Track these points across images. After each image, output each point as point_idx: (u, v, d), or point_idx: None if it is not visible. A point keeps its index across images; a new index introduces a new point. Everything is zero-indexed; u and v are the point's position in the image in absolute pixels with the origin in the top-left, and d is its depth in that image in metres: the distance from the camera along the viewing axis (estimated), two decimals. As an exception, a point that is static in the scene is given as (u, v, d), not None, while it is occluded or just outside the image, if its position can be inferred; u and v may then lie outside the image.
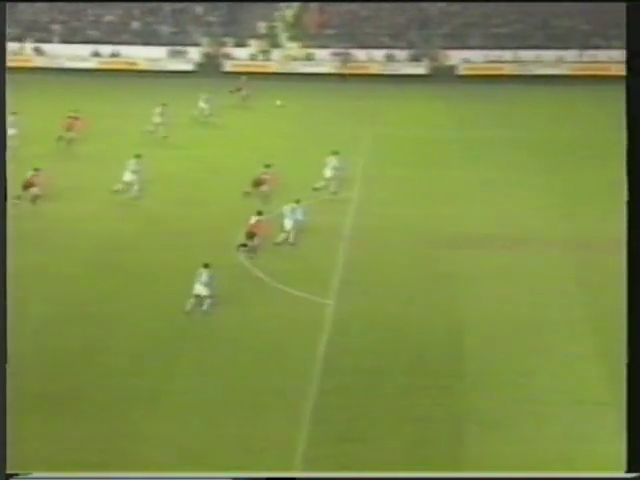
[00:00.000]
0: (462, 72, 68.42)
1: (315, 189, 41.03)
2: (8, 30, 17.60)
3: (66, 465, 21.67)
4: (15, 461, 18.58)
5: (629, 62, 16.94)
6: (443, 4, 72.57)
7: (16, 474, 17.81)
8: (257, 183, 39.77)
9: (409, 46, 70.71)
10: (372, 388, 26.22)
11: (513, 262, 35.00)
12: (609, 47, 68.21)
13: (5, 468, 17.21)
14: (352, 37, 71.53)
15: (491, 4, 70.64)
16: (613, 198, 41.90)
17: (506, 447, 23.49)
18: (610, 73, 66.35)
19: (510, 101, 60.51)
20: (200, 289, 30.08)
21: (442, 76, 67.20)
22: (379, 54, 69.96)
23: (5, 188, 18.41)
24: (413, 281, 33.45)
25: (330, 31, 72.63)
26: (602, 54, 68.05)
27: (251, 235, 34.27)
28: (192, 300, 30.05)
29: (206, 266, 30.24)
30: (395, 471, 21.71)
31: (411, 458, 22.90)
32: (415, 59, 70.09)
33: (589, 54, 68.22)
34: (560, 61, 68.03)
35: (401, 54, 70.23)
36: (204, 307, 30.14)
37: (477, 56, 69.29)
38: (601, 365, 27.41)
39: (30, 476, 18.33)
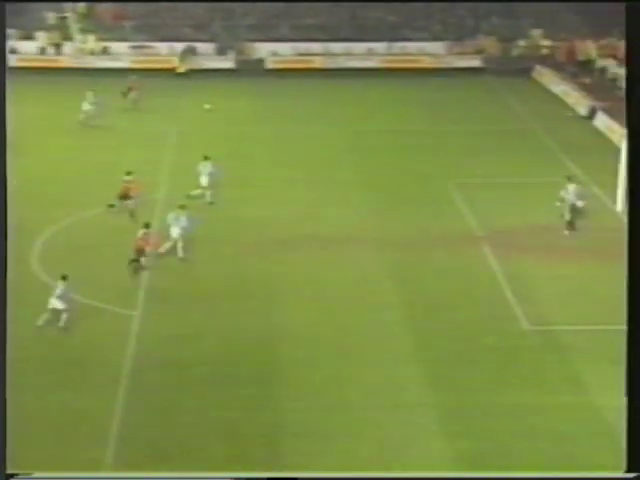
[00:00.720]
0: (270, 66, 68.59)
1: (189, 196, 40.08)
2: None
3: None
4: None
5: (629, 62, 17.35)
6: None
7: (16, 474, 18.25)
8: (123, 192, 39.10)
9: (213, 39, 70.47)
10: (181, 402, 25.98)
11: (329, 263, 35.32)
12: (418, 39, 69.94)
13: (5, 468, 17.72)
14: (152, 29, 70.78)
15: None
16: (430, 194, 43.00)
17: (324, 456, 23.65)
18: (422, 66, 67.98)
19: (321, 95, 61.13)
20: (56, 303, 29.42)
21: (249, 70, 67.17)
22: (181, 47, 69.24)
23: (5, 189, 18.21)
24: (225, 287, 33.31)
25: (128, 23, 71.63)
26: (412, 46, 69.62)
27: (140, 250, 33.61)
28: (47, 315, 29.46)
29: (64, 278, 29.69)
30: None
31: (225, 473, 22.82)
32: (220, 52, 69.86)
33: (399, 46, 69.63)
34: (370, 54, 69.23)
35: (205, 47, 69.85)
36: (61, 323, 29.43)
37: (285, 49, 69.60)
38: (418, 367, 28.00)
39: (30, 476, 18.82)
